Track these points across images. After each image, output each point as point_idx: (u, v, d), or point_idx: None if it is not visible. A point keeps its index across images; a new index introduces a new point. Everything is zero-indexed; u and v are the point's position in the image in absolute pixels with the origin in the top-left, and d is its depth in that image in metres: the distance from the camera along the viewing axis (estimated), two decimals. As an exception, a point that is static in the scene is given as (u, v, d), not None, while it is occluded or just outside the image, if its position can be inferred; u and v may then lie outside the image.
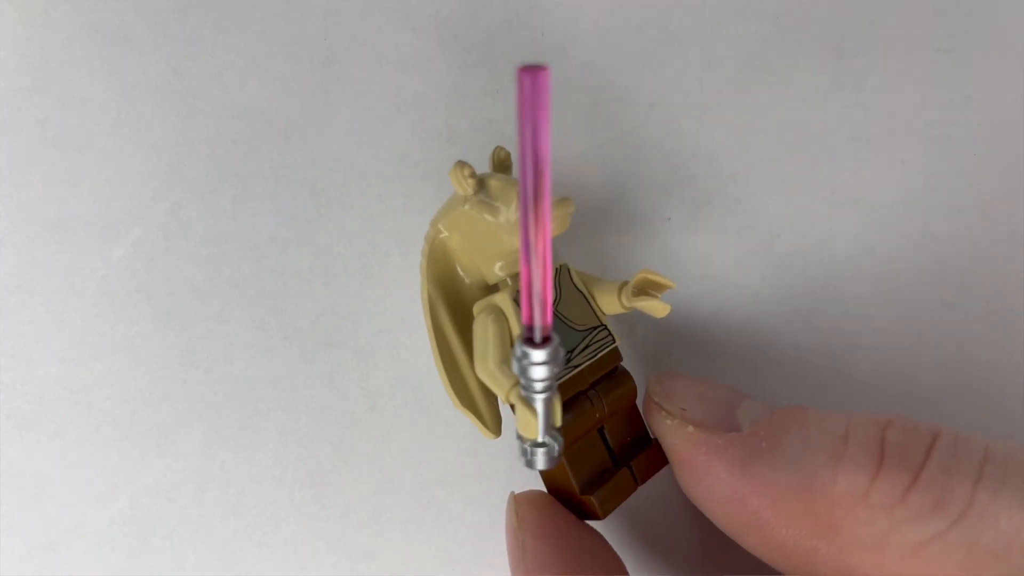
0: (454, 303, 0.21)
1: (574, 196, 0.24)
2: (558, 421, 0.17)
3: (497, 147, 0.21)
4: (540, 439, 0.17)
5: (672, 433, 0.19)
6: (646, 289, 0.19)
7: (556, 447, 0.17)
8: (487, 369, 0.19)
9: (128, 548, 0.23)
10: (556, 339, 0.15)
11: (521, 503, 0.20)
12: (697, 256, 0.24)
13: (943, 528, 0.14)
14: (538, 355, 0.15)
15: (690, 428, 0.18)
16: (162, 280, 0.24)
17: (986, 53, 0.23)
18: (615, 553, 0.20)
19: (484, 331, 0.19)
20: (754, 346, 0.23)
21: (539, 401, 0.16)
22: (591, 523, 0.20)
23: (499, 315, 0.19)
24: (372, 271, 0.24)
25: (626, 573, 0.20)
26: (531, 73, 0.12)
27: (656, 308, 0.19)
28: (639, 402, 0.21)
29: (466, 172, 0.19)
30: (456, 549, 0.23)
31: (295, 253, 0.24)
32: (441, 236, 0.21)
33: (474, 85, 0.23)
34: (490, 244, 0.20)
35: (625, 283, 0.20)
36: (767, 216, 0.23)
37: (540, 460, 0.17)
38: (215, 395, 0.23)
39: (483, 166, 0.21)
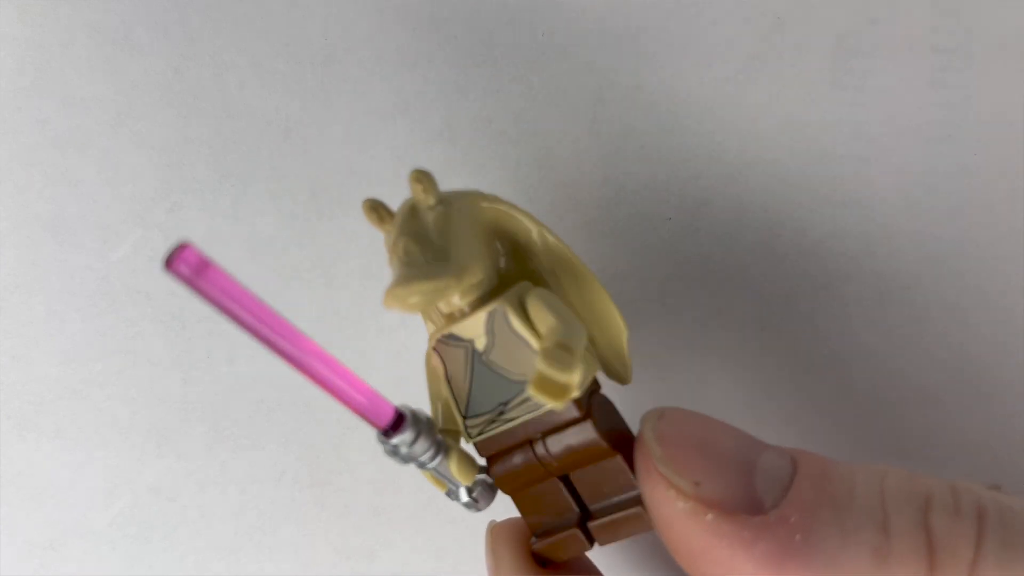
0: None
1: (574, 196, 0.24)
2: (463, 480, 0.18)
3: (412, 172, 0.17)
4: (448, 492, 0.18)
5: (686, 520, 0.15)
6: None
7: (465, 499, 0.18)
8: None
9: (128, 548, 0.23)
10: (409, 417, 0.16)
11: (496, 538, 0.19)
12: (697, 256, 0.24)
13: None
14: (395, 440, 0.16)
15: (710, 516, 0.15)
16: (162, 280, 0.24)
17: (986, 53, 0.23)
18: None
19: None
20: (755, 347, 0.23)
21: (428, 468, 0.17)
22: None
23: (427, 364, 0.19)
24: (372, 271, 0.24)
25: None
26: (179, 258, 0.12)
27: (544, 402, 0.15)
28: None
29: (369, 213, 0.18)
30: (456, 549, 0.23)
31: (295, 253, 0.24)
32: None
33: (474, 85, 0.23)
34: None
35: (543, 347, 0.16)
36: (767, 216, 0.23)
37: (464, 507, 0.18)
38: (215, 395, 0.23)
39: (484, 167, 0.21)
